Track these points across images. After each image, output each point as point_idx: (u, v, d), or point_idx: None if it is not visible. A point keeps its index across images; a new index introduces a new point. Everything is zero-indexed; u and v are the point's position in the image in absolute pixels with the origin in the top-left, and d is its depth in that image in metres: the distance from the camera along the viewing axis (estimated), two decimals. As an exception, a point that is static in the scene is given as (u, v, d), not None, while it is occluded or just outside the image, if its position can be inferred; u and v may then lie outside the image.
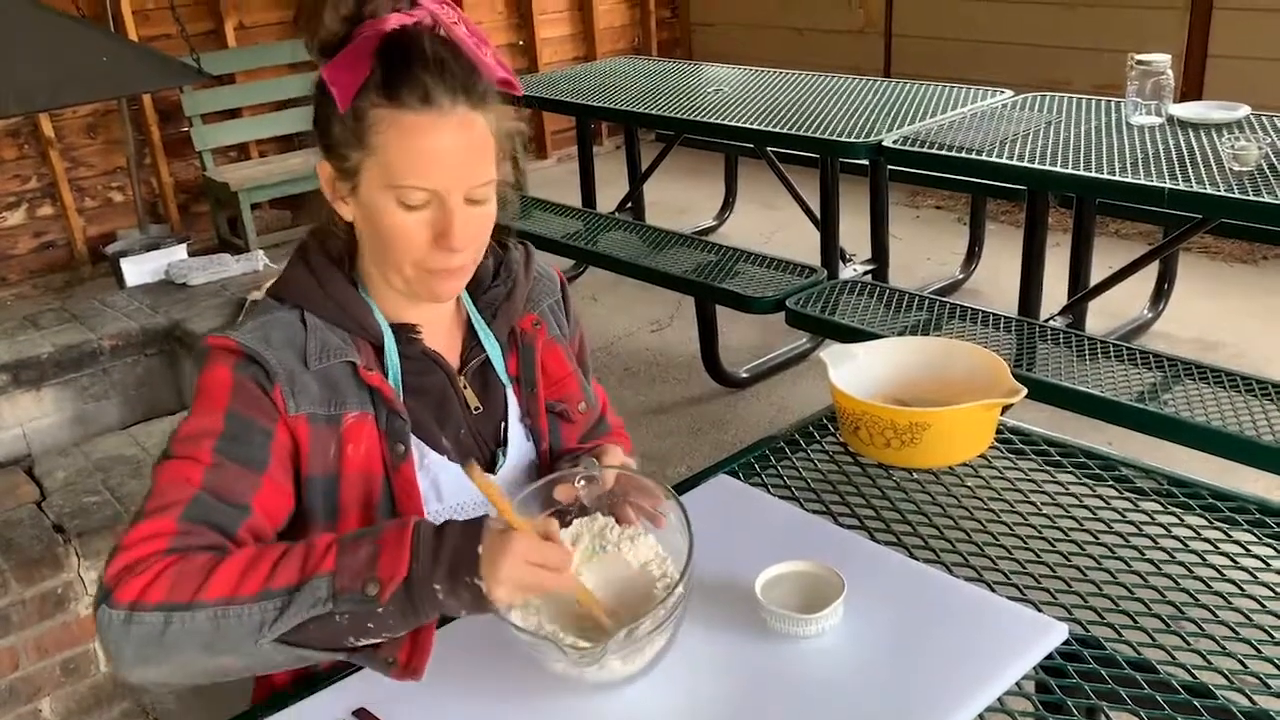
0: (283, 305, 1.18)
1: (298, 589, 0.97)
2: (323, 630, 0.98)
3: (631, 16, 6.91)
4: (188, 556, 1.00)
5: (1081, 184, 2.91)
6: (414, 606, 0.98)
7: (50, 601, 2.16)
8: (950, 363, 1.52)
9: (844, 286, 3.29)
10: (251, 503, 1.08)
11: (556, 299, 1.36)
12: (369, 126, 1.09)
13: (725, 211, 5.31)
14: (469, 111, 1.10)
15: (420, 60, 1.08)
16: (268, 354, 1.12)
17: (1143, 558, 1.27)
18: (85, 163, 5.07)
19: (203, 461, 1.07)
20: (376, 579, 0.97)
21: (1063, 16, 5.15)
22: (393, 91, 1.08)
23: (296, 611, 0.97)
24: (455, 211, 1.11)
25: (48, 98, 3.15)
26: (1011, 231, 4.62)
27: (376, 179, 1.11)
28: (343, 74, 1.08)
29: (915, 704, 1.03)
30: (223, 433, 1.09)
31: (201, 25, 5.18)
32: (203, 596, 0.97)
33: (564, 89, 4.58)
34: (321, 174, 1.16)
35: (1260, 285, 4.20)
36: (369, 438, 1.16)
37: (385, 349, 1.20)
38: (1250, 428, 2.32)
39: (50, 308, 3.37)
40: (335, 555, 0.99)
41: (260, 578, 0.98)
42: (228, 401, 1.10)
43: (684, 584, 1.03)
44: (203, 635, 0.97)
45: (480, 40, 1.13)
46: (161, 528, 1.02)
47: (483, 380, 1.27)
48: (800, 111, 3.71)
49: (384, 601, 0.97)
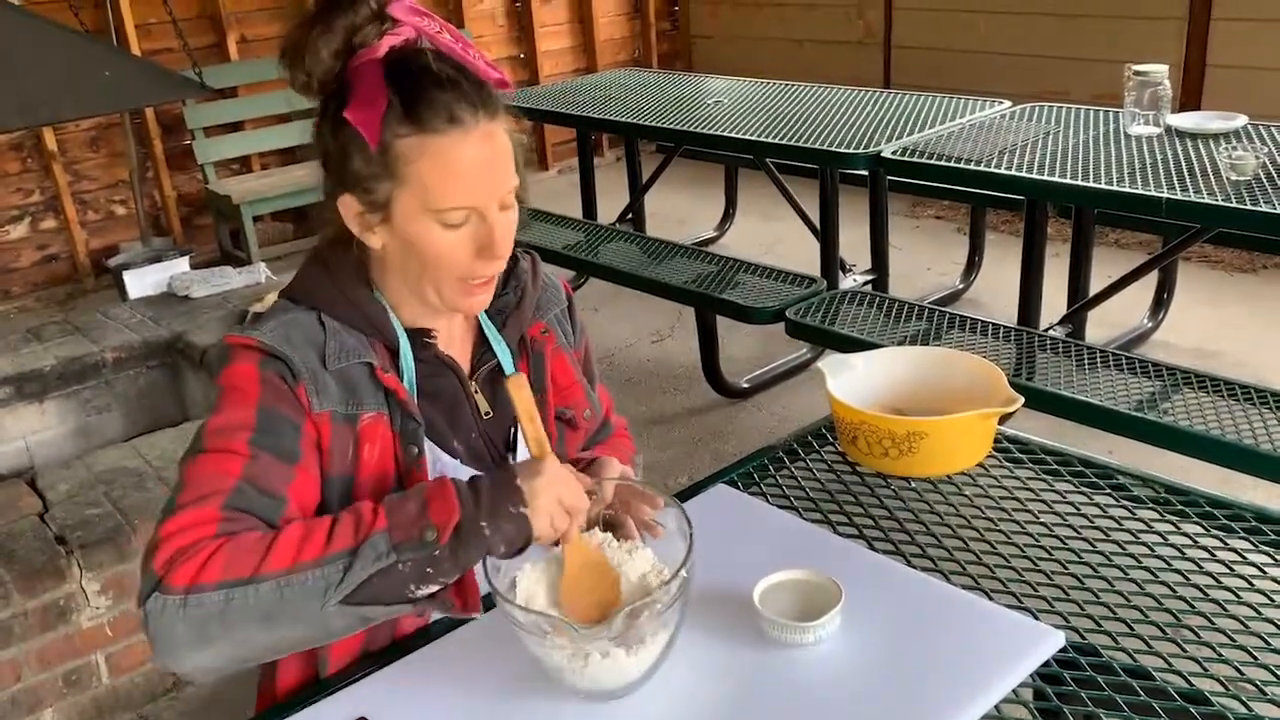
0: (299, 306, 1.19)
1: (357, 549, 1.01)
2: (386, 584, 1.02)
3: (632, 29, 6.94)
4: (237, 538, 1.02)
5: (1080, 194, 2.91)
6: (465, 547, 1.03)
7: (52, 613, 2.17)
8: (948, 372, 1.52)
9: (844, 297, 3.29)
10: (288, 493, 1.09)
11: (563, 308, 1.38)
12: (397, 157, 1.09)
13: (725, 222, 5.32)
14: (489, 122, 1.12)
15: (434, 81, 1.09)
16: (290, 352, 1.13)
17: (1139, 565, 1.28)
18: (88, 176, 5.10)
19: (240, 454, 1.07)
20: (433, 524, 1.02)
21: (1061, 27, 5.17)
22: (416, 118, 1.08)
23: (362, 568, 1.00)
24: (496, 222, 1.13)
25: (51, 112, 3.17)
26: (1011, 241, 4.63)
27: (412, 206, 1.11)
28: (365, 112, 1.08)
29: (913, 712, 1.03)
30: (256, 426, 1.09)
31: (204, 39, 5.21)
32: (265, 569, 0.99)
33: (565, 101, 4.60)
34: (346, 210, 1.15)
35: (1260, 294, 4.21)
36: (383, 439, 1.17)
37: (400, 352, 1.21)
38: (1250, 436, 2.32)
39: (53, 320, 3.38)
40: (385, 514, 1.03)
41: (318, 545, 1.01)
42: (257, 396, 1.11)
43: (686, 569, 1.04)
44: (265, 607, 0.99)
45: (465, 44, 1.14)
46: (205, 515, 1.03)
47: (493, 386, 1.28)
48: (800, 122, 3.73)
49: (443, 544, 1.02)
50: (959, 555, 1.31)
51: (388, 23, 1.10)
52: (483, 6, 6.21)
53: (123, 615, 2.26)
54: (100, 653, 2.26)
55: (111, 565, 2.21)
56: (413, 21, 1.11)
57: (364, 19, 1.10)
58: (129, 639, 2.29)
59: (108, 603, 2.23)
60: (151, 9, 4.88)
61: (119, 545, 2.22)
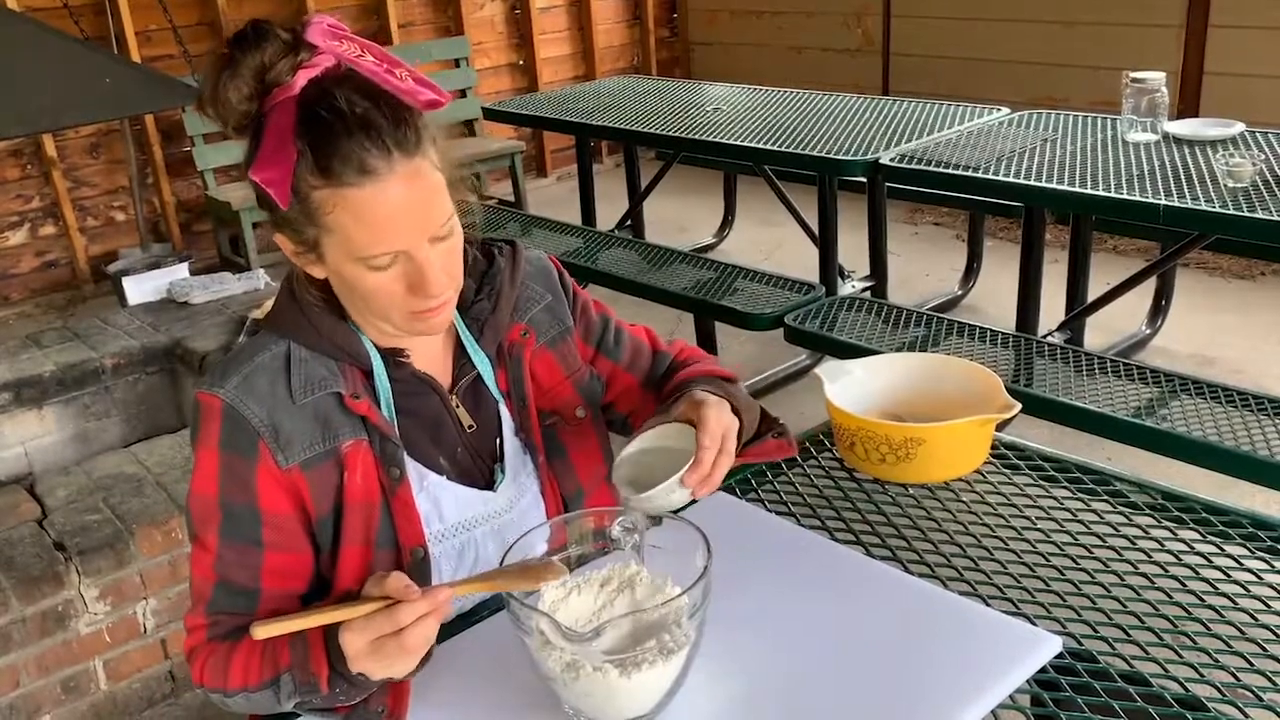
0: (270, 337, 1.18)
1: (277, 681, 1.07)
2: (315, 701, 1.07)
3: (631, 36, 6.95)
4: (217, 649, 1.12)
5: (1078, 201, 2.92)
6: (352, 686, 1.04)
7: (51, 619, 2.17)
8: (946, 379, 1.53)
9: (842, 303, 3.30)
10: (261, 582, 1.14)
11: (550, 298, 1.32)
12: (315, 208, 1.06)
13: (724, 229, 5.33)
14: (408, 161, 1.05)
15: (343, 128, 1.03)
16: (250, 411, 1.13)
17: (1136, 571, 1.28)
18: (88, 182, 5.10)
19: (210, 550, 1.14)
20: (313, 674, 1.04)
21: (1059, 35, 5.18)
22: (328, 171, 1.03)
23: (288, 696, 1.07)
24: (426, 262, 1.09)
25: (50, 119, 3.17)
26: (1010, 248, 4.63)
27: (339, 252, 1.09)
28: (270, 171, 1.03)
29: (911, 717, 1.04)
30: (221, 520, 1.14)
31: (204, 46, 5.21)
32: (229, 685, 1.11)
33: (564, 108, 4.61)
34: (282, 245, 1.14)
35: (1258, 301, 4.21)
36: (365, 463, 1.16)
37: (374, 374, 1.19)
38: (1248, 443, 2.32)
39: (52, 326, 3.39)
40: (288, 654, 1.07)
41: (256, 672, 1.09)
42: (217, 490, 1.14)
43: (692, 592, 1.01)
44: (246, 706, 1.13)
45: (391, 64, 1.07)
46: (197, 621, 1.15)
47: (475, 398, 1.26)
48: (798, 130, 3.73)
49: (326, 692, 1.04)
50: (956, 561, 1.31)
51: (304, 52, 1.04)
52: (482, 14, 6.22)
53: (121, 621, 2.26)
54: (98, 659, 2.26)
55: (110, 572, 2.21)
56: (330, 48, 1.05)
57: (275, 55, 1.04)
58: (127, 645, 2.29)
59: (106, 609, 2.23)
60: (152, 16, 4.89)
61: (117, 552, 2.22)
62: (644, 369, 1.38)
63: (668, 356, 1.40)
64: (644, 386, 1.38)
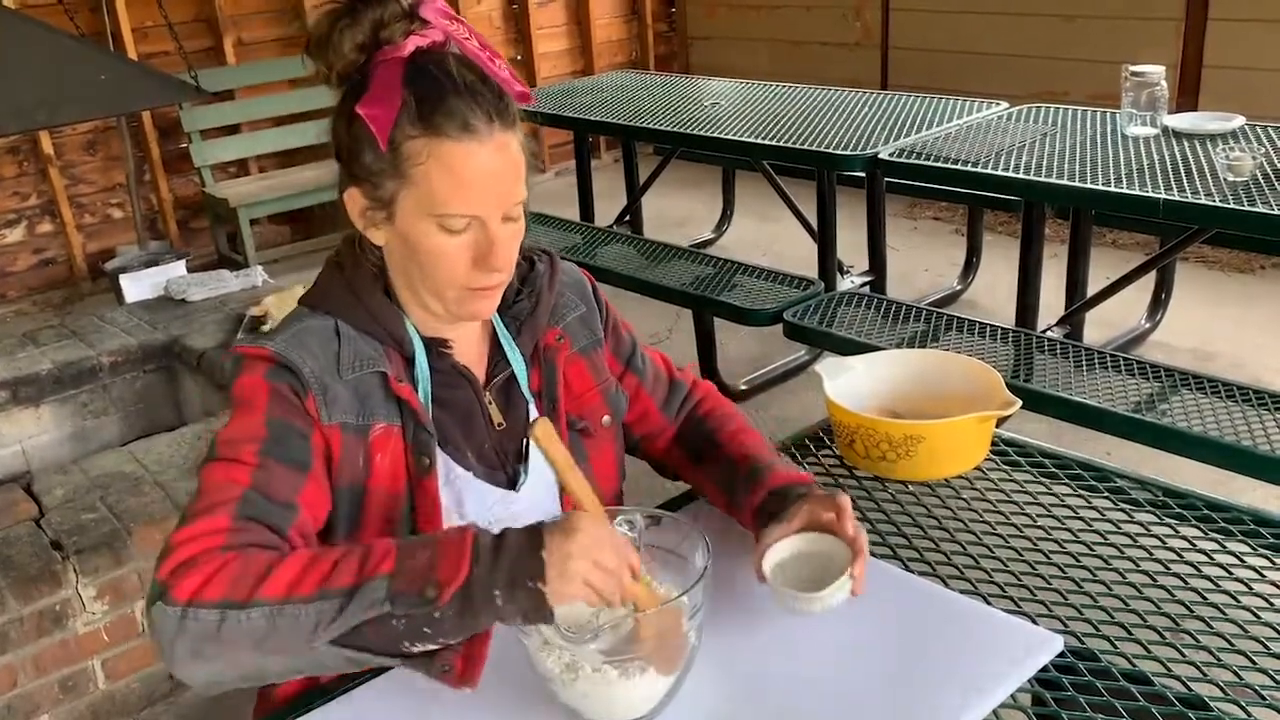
0: (315, 313, 1.19)
1: (355, 590, 0.95)
2: (379, 634, 0.96)
3: (629, 31, 6.94)
4: (245, 554, 0.99)
5: (1077, 195, 2.91)
6: (473, 612, 0.96)
7: (48, 619, 2.16)
8: (945, 375, 1.52)
9: (842, 298, 3.29)
10: (298, 501, 1.08)
11: (584, 309, 1.35)
12: (406, 158, 1.09)
13: (723, 224, 5.32)
14: (504, 133, 1.10)
15: (452, 86, 1.08)
16: (301, 364, 1.13)
17: (1138, 569, 1.27)
18: (85, 179, 5.09)
19: (248, 463, 1.07)
20: (436, 581, 0.95)
21: (1058, 28, 5.17)
22: (430, 121, 1.08)
23: (354, 613, 0.95)
24: (497, 233, 1.12)
25: (47, 116, 3.17)
26: (1009, 242, 4.63)
27: (415, 207, 1.11)
28: (378, 109, 1.07)
29: (911, 717, 1.03)
30: (265, 436, 1.09)
31: (201, 42, 5.21)
32: (260, 595, 0.96)
33: (562, 103, 4.59)
34: (351, 203, 1.15)
35: (1258, 295, 4.21)
36: (395, 449, 1.16)
37: (416, 361, 1.20)
38: (1248, 438, 2.32)
39: (49, 324, 3.38)
40: (395, 558, 0.97)
41: (318, 578, 0.97)
42: (265, 407, 1.11)
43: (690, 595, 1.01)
44: (256, 633, 0.95)
45: (492, 53, 1.14)
46: (215, 525, 1.01)
47: (507, 396, 1.27)
48: (797, 124, 3.72)
49: (443, 604, 0.95)
50: (956, 559, 1.31)
51: (416, 23, 1.10)
52: (480, 8, 6.20)
53: (119, 620, 2.26)
54: (97, 658, 2.25)
55: (108, 571, 2.20)
56: (442, 25, 1.11)
57: (392, 15, 1.10)
58: (125, 644, 2.28)
59: (104, 608, 2.22)
60: (148, 12, 4.88)
61: (115, 550, 2.21)
62: (663, 395, 1.42)
63: (683, 385, 1.45)
64: (661, 410, 1.41)
